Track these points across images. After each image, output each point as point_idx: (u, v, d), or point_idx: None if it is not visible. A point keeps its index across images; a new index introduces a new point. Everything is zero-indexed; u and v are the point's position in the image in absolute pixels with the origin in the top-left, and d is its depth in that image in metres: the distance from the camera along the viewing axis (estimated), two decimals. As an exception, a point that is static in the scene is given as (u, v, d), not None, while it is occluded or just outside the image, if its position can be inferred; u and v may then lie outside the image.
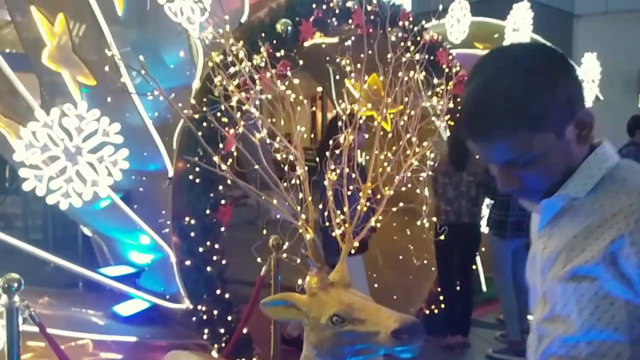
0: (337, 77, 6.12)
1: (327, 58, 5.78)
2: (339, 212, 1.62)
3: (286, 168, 1.69)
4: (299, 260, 1.61)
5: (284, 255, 1.66)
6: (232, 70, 1.84)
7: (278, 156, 1.71)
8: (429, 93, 2.51)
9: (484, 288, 5.60)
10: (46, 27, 2.94)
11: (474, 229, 4.45)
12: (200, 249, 3.22)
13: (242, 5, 3.54)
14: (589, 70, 6.49)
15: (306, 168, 1.60)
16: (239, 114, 1.79)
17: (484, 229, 4.68)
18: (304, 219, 1.53)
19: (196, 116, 2.87)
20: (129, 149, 2.87)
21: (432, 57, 4.65)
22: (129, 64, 3.32)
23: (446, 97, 2.10)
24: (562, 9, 11.52)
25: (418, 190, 1.96)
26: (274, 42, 3.44)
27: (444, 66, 4.73)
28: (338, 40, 4.62)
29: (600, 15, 11.49)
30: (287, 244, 1.75)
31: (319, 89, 7.98)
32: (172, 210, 3.34)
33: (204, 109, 2.78)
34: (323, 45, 4.82)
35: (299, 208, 1.55)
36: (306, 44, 3.92)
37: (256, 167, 1.70)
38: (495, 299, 4.65)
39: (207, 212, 3.27)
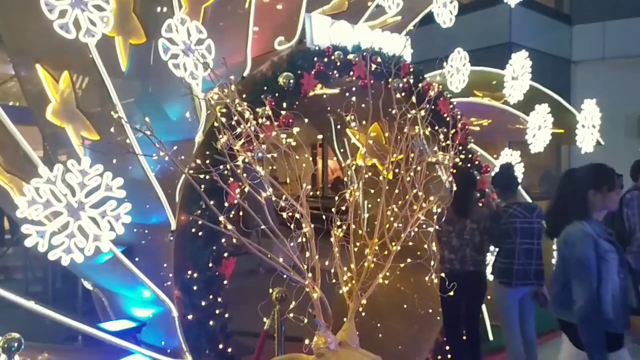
0: (338, 126, 6.19)
1: (328, 108, 5.87)
2: (345, 268, 1.58)
3: (292, 226, 1.67)
4: (305, 320, 1.55)
5: (291, 315, 1.61)
6: (237, 130, 1.85)
7: (284, 214, 1.69)
8: (435, 148, 2.51)
9: (491, 337, 5.46)
10: (50, 84, 2.99)
11: (480, 277, 4.36)
12: (203, 303, 3.15)
13: (244, 59, 3.61)
14: (589, 116, 6.54)
15: (312, 226, 1.58)
16: (244, 173, 1.78)
17: (490, 276, 4.59)
18: (311, 278, 1.50)
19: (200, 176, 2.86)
20: (132, 202, 2.86)
21: (433, 107, 4.71)
22: (132, 117, 3.37)
23: (452, 151, 2.09)
24: (560, 56, 11.76)
25: (425, 245, 1.93)
26: (277, 95, 3.49)
27: (446, 115, 4.78)
28: (339, 90, 4.71)
29: (598, 61, 11.71)
30: (293, 303, 1.70)
31: (320, 136, 8.06)
32: (174, 263, 3.29)
33: (207, 161, 2.80)
34: (324, 95, 4.90)
35: (305, 266, 1.51)
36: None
37: (262, 227, 1.68)
38: (503, 347, 4.51)
39: (210, 265, 3.22)
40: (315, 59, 3.78)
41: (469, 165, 4.97)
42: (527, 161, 10.82)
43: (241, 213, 2.19)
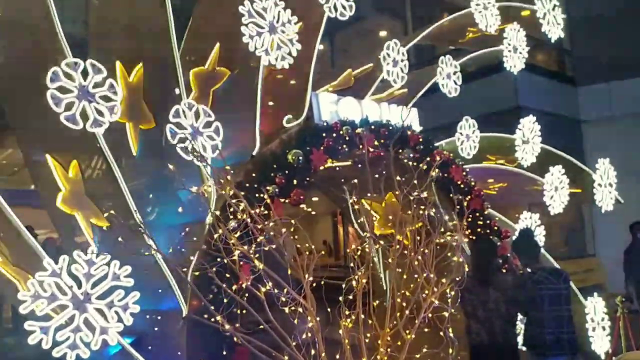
0: (354, 197, 6.13)
1: (342, 180, 5.85)
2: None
3: (296, 321, 1.55)
4: None
5: None
6: (231, 224, 1.78)
7: (286, 309, 1.58)
8: (447, 220, 2.41)
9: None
10: (60, 173, 3.01)
11: (511, 349, 4.08)
12: (216, 395, 2.95)
13: (253, 139, 3.63)
14: (604, 175, 6.43)
15: (318, 319, 1.46)
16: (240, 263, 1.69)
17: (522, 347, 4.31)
18: None
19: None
20: (142, 288, 2.76)
21: (446, 175, 4.65)
22: (144, 198, 3.35)
23: (460, 232, 1.98)
24: (569, 116, 11.81)
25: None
26: (286, 172, 3.46)
27: (459, 182, 4.71)
28: (351, 163, 4.69)
29: (607, 120, 11.72)
30: None
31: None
32: (186, 351, 3.15)
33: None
34: (337, 168, 4.88)
35: None
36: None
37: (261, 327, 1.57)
38: None
39: (224, 352, 3.06)
40: (324, 134, 3.79)
41: (487, 231, 4.82)
42: (549, 221, 10.57)
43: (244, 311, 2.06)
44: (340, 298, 1.69)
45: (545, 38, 6.68)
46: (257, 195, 3.20)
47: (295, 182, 3.50)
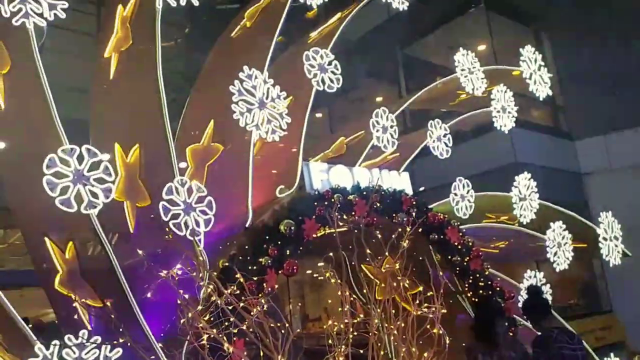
0: (353, 262, 6.10)
1: (340, 246, 5.85)
2: None
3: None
4: None
5: None
6: (199, 308, 1.81)
7: None
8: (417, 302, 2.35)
9: None
10: (57, 255, 3.07)
11: None
12: None
13: (246, 211, 3.70)
14: (608, 229, 6.39)
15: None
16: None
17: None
18: None
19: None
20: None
21: (442, 236, 4.66)
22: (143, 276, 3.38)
23: (438, 302, 1.99)
24: (570, 170, 11.88)
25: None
26: (279, 242, 3.50)
27: (457, 243, 4.71)
28: (347, 228, 4.73)
29: (607, 172, 11.77)
30: None
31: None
32: None
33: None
34: (334, 235, 4.91)
35: None
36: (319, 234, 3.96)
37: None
38: None
39: None
40: (315, 203, 3.86)
41: (490, 292, 4.76)
42: (559, 278, 10.37)
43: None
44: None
45: (533, 96, 6.88)
46: (250, 267, 3.24)
47: (288, 252, 3.53)
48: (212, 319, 1.85)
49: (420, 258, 2.68)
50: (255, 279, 3.18)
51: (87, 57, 5.53)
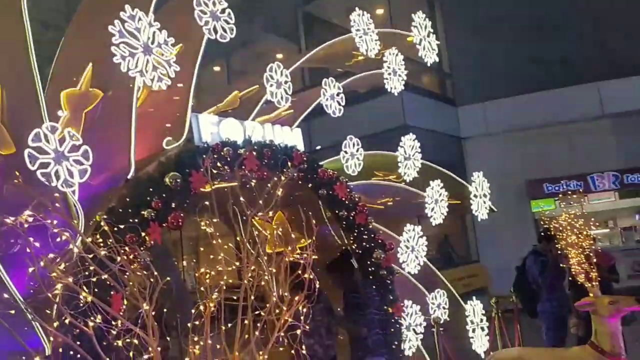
0: (244, 217, 6.11)
1: (232, 201, 5.81)
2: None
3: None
4: None
5: None
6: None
7: (120, 342, 1.53)
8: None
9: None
10: None
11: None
12: None
13: (128, 162, 3.51)
14: (479, 187, 6.99)
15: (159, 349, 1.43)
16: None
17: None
18: None
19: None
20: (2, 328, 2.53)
21: (330, 192, 4.81)
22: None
23: (310, 249, 2.07)
24: (451, 134, 12.77)
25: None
26: (164, 195, 3.39)
27: (344, 199, 4.88)
28: (238, 183, 4.69)
29: (483, 137, 12.85)
30: None
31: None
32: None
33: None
34: (225, 189, 4.85)
35: None
36: (208, 188, 3.89)
37: None
38: None
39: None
40: (204, 156, 3.76)
41: (372, 245, 5.02)
42: (435, 232, 11.26)
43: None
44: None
45: (423, 62, 7.19)
46: (131, 220, 3.10)
47: (174, 205, 3.43)
48: (86, 273, 1.75)
49: (310, 212, 2.76)
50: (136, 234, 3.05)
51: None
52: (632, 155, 12.28)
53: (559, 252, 4.81)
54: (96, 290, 1.72)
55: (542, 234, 6.45)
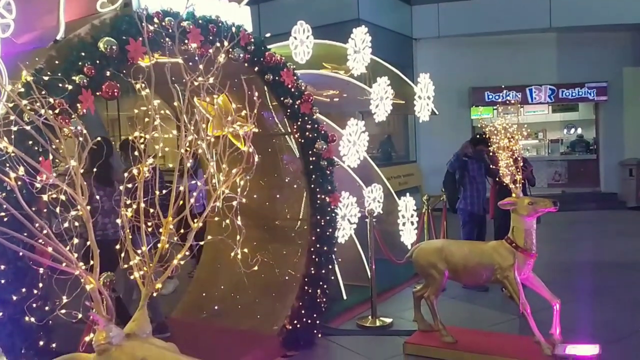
0: (186, 96, 5.87)
1: (173, 78, 5.52)
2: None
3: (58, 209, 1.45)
4: (80, 316, 1.39)
5: (62, 311, 1.42)
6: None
7: (45, 197, 1.47)
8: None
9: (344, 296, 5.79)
10: None
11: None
12: (14, 297, 2.75)
13: (57, 22, 3.19)
14: (424, 88, 7.05)
15: (88, 208, 1.40)
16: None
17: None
18: (85, 267, 1.33)
19: None
20: None
21: (277, 77, 4.66)
22: None
23: (250, 121, 2.02)
24: (403, 34, 12.54)
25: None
26: (97, 62, 3.14)
27: (290, 86, 4.77)
28: (182, 60, 4.43)
29: (434, 39, 12.73)
30: (65, 299, 1.50)
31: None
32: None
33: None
34: (167, 65, 4.58)
35: (76, 255, 1.34)
36: (147, 63, 3.64)
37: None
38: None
39: (21, 253, 2.83)
40: (143, 24, 3.46)
41: (315, 135, 5.01)
42: (378, 132, 11.42)
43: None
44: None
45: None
46: (60, 85, 2.88)
47: (108, 73, 3.20)
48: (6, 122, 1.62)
49: (255, 97, 2.65)
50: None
51: None
52: (569, 70, 12.68)
53: (491, 153, 5.04)
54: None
55: (478, 136, 6.71)
